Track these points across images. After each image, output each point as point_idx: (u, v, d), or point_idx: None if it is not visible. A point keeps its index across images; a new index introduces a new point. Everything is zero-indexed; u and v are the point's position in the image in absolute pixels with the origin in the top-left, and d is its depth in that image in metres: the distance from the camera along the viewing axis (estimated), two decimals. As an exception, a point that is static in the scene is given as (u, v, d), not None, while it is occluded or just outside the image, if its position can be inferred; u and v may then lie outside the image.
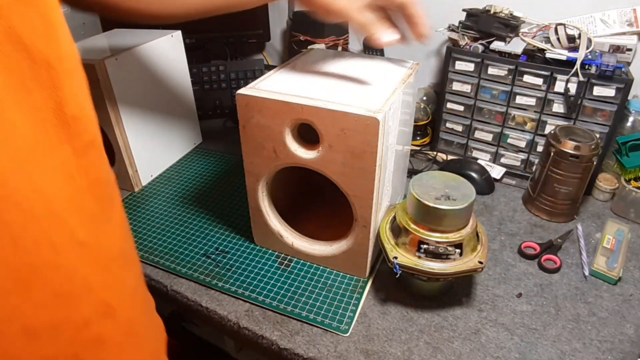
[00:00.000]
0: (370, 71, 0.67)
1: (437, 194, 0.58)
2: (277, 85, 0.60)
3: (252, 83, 0.61)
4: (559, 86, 0.80)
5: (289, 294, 0.65)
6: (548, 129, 0.84)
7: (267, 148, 0.61)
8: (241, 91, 0.58)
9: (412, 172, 0.93)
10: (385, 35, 0.54)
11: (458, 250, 0.58)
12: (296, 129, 0.59)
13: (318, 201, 0.80)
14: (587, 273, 0.68)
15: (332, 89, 0.60)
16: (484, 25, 0.86)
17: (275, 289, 0.65)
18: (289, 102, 0.55)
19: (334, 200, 0.69)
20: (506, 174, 0.92)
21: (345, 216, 0.64)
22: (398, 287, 0.66)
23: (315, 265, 0.70)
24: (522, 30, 0.87)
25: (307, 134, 0.60)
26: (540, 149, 0.86)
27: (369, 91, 0.59)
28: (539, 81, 0.82)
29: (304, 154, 0.60)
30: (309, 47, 1.06)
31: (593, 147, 0.73)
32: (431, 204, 0.56)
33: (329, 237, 0.69)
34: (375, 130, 0.53)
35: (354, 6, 0.53)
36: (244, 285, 0.66)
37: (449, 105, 0.93)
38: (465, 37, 0.88)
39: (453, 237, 0.58)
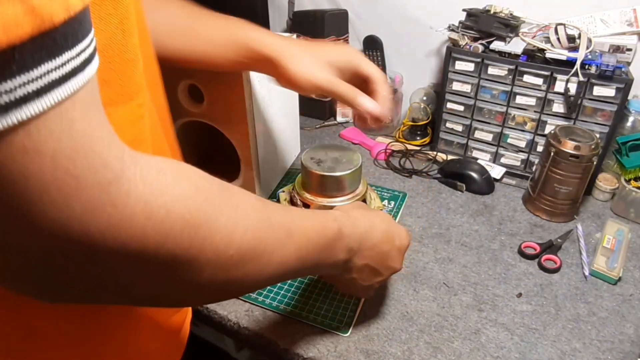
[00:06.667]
0: None
1: (330, 164, 0.68)
2: None
3: None
4: (559, 86, 0.80)
5: (289, 294, 0.65)
6: (548, 129, 0.84)
7: None
8: None
9: (412, 172, 0.93)
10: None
11: None
12: (187, 90, 0.72)
13: (225, 156, 0.91)
14: (587, 273, 0.68)
15: None
16: (484, 25, 0.85)
17: (275, 289, 0.65)
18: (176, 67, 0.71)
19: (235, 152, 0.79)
20: (506, 173, 0.92)
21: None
22: (398, 287, 0.66)
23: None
24: (522, 30, 0.86)
25: (198, 95, 0.73)
26: (540, 149, 0.86)
27: None
28: (539, 81, 0.82)
29: (194, 108, 0.73)
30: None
31: (593, 147, 0.73)
32: (329, 174, 0.66)
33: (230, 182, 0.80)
34: (241, 83, 0.66)
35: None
36: (244, 285, 0.66)
37: (449, 105, 0.93)
38: (465, 37, 0.88)
39: (354, 197, 0.69)
